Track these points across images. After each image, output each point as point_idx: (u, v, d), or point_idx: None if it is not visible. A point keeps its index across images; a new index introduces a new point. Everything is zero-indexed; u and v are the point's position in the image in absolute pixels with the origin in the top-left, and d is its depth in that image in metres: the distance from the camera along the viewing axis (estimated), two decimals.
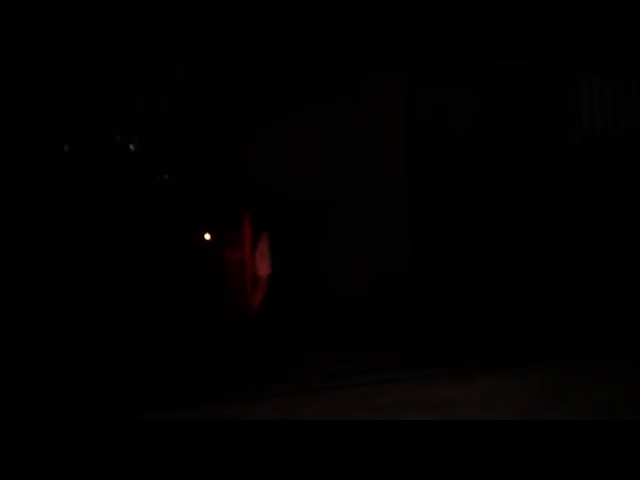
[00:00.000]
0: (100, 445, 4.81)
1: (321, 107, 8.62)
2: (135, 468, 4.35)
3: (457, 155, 7.92)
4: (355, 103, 8.51)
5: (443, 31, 7.26)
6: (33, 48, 5.92)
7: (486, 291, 7.88)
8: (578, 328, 8.18)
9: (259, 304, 7.11)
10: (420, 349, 7.69)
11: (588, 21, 7.59)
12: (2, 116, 5.95)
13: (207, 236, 6.69)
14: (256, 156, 7.61)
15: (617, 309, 8.34)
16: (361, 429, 5.07)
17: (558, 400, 6.00)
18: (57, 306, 6.06)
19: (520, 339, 7.93)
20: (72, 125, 6.22)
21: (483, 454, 4.38)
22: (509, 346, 7.84)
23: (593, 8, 7.56)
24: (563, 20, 7.56)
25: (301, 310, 7.71)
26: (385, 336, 8.14)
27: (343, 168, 8.60)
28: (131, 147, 6.39)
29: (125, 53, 6.23)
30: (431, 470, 4.18)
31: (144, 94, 6.49)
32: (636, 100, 8.62)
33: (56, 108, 6.16)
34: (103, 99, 6.33)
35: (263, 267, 7.07)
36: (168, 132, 6.56)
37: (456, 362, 7.50)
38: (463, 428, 4.98)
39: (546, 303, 8.10)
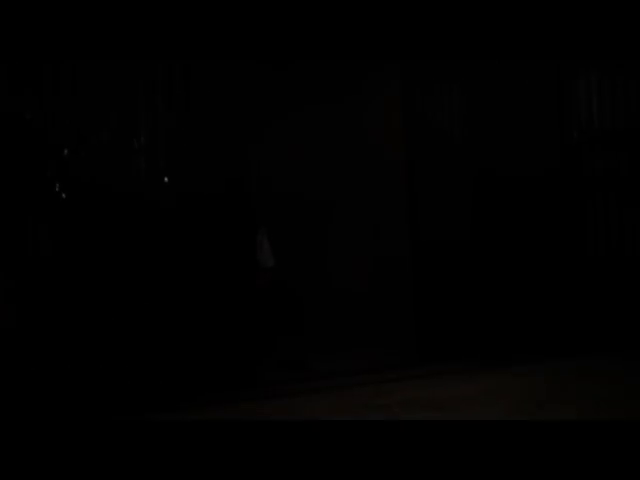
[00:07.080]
0: (106, 445, 4.81)
1: (321, 105, 8.63)
2: (141, 469, 4.35)
3: (456, 151, 7.93)
4: (355, 102, 8.52)
5: (441, 32, 7.28)
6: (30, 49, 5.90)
7: (487, 287, 7.89)
8: (580, 325, 8.19)
9: (261, 300, 7.13)
10: (421, 347, 7.70)
11: (586, 21, 7.61)
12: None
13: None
14: (257, 153, 7.61)
15: (618, 306, 8.34)
16: (364, 429, 5.08)
17: (560, 398, 6.02)
18: (65, 307, 6.08)
19: (521, 336, 7.94)
20: (72, 126, 6.20)
21: (485, 453, 4.39)
22: (511, 343, 7.86)
23: (590, 8, 7.57)
24: (562, 20, 7.58)
25: (304, 310, 7.70)
26: (387, 334, 8.16)
27: (344, 166, 8.62)
28: (135, 145, 6.39)
29: (125, 53, 6.22)
30: (433, 469, 4.19)
31: (143, 94, 6.47)
32: (634, 95, 8.62)
33: (55, 109, 6.14)
34: (103, 100, 6.32)
35: (264, 260, 7.15)
36: (169, 131, 6.55)
37: (457, 360, 7.51)
38: (465, 427, 4.99)
39: (547, 299, 8.11)
